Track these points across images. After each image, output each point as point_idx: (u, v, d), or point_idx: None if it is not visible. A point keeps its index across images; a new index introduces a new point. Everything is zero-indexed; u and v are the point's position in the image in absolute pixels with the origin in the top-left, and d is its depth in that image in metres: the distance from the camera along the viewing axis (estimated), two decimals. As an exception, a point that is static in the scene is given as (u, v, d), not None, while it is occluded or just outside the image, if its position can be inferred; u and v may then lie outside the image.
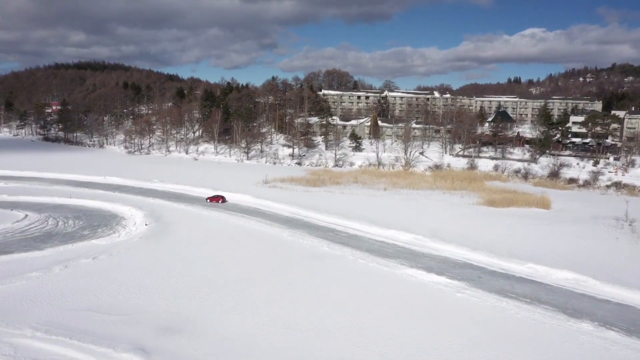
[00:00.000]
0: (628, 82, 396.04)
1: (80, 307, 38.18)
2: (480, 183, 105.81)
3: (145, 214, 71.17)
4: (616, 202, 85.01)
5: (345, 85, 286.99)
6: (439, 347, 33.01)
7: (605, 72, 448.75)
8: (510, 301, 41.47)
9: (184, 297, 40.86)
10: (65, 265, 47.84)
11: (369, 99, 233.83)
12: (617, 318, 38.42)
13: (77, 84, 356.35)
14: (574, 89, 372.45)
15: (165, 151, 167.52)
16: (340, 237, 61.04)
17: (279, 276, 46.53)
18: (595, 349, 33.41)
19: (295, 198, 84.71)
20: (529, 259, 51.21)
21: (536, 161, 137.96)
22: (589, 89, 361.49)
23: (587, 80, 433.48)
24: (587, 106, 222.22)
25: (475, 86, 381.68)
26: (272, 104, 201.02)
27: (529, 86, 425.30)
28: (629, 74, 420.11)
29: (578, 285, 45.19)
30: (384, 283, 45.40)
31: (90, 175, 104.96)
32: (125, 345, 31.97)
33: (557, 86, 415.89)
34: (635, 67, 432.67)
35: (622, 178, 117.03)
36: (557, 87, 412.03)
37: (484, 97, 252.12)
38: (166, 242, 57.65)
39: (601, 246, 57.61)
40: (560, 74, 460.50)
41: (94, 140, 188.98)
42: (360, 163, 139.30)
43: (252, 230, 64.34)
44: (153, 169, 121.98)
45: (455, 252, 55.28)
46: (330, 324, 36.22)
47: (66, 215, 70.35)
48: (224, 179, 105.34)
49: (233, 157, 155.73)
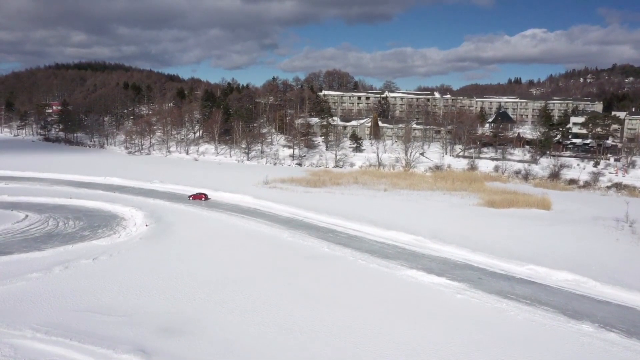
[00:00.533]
0: (629, 82, 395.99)
1: (81, 308, 38.18)
2: (481, 184, 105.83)
3: (145, 214, 71.23)
4: (616, 203, 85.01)
5: (345, 85, 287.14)
6: (438, 348, 32.98)
7: (606, 72, 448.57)
8: (511, 302, 41.43)
9: (184, 298, 40.86)
10: (66, 266, 47.85)
11: (370, 99, 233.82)
12: (617, 319, 38.36)
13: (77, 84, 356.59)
14: (575, 90, 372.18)
15: (166, 152, 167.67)
16: (340, 238, 61.04)
17: (279, 277, 46.53)
18: (596, 351, 33.35)
19: (295, 199, 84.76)
20: (529, 260, 51.17)
21: (537, 162, 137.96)
22: (589, 90, 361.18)
23: (587, 81, 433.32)
24: (588, 107, 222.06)
25: (476, 87, 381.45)
26: (272, 105, 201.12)
27: (529, 87, 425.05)
28: (630, 75, 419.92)
29: (578, 287, 45.14)
30: (384, 284, 45.39)
31: (90, 176, 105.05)
32: (126, 346, 31.95)
33: (558, 87, 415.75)
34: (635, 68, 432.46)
35: (622, 179, 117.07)
36: (557, 87, 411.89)
37: (484, 98, 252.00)
38: (166, 242, 57.67)
39: (601, 247, 57.59)
40: (560, 75, 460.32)
41: (94, 140, 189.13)
42: (361, 164, 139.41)
43: (252, 231, 64.36)
44: (153, 169, 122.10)
45: (456, 253, 55.26)
46: (330, 325, 36.20)
47: (66, 215, 70.40)
48: (224, 180, 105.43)
49: (233, 157, 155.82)
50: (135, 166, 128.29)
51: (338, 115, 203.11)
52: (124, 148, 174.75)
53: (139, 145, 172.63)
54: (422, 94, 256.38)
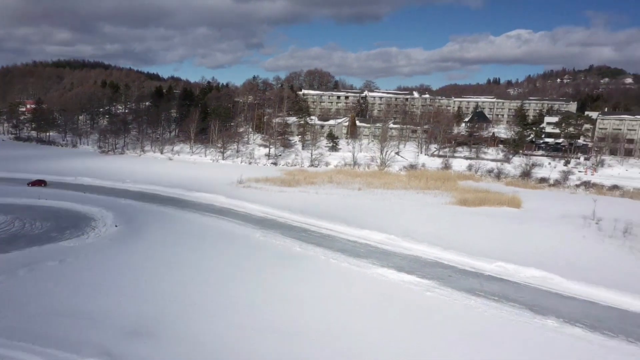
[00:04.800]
0: (604, 83, 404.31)
1: (45, 312, 37.32)
2: (454, 183, 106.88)
3: (115, 215, 70.09)
4: (584, 201, 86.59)
5: (326, 85, 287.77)
6: (407, 346, 33.18)
7: (583, 73, 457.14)
8: (479, 299, 41.93)
9: (153, 300, 40.27)
10: (31, 269, 46.72)
11: (349, 99, 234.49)
12: (582, 314, 39.16)
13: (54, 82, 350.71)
14: (551, 90, 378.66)
15: (140, 151, 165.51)
16: (313, 238, 60.98)
17: (250, 277, 46.25)
18: (561, 345, 33.99)
19: (269, 198, 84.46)
20: (499, 258, 51.83)
21: (509, 161, 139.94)
22: (565, 90, 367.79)
23: (564, 81, 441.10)
24: (563, 107, 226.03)
25: (455, 87, 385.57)
26: (251, 104, 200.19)
27: (507, 87, 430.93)
28: (605, 76, 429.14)
29: (545, 283, 45.93)
30: (355, 283, 45.50)
31: (61, 176, 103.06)
32: (91, 350, 31.37)
33: (535, 87, 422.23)
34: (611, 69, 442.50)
35: (591, 178, 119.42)
36: (535, 88, 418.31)
37: (462, 98, 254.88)
38: (136, 244, 56.82)
39: (569, 244, 58.70)
40: (538, 75, 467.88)
41: (67, 139, 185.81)
42: (336, 163, 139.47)
43: (225, 231, 63.89)
44: (126, 169, 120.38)
45: (427, 251, 55.69)
46: (301, 324, 36.14)
47: (34, 216, 68.79)
48: (198, 179, 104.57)
49: (209, 156, 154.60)
50: (108, 165, 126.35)
51: (316, 114, 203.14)
52: (97, 147, 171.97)
53: (113, 145, 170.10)
54: (401, 93, 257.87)
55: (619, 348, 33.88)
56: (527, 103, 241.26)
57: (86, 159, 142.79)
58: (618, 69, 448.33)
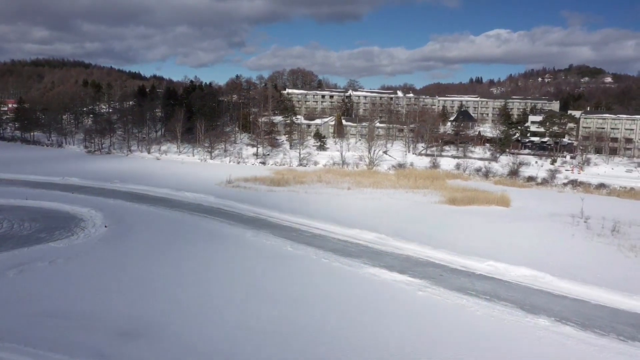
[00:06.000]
0: (584, 82, 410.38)
1: (35, 313, 36.88)
2: (443, 182, 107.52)
3: (105, 215, 69.56)
4: (572, 199, 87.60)
5: (309, 84, 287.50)
6: (401, 345, 33.25)
7: (563, 73, 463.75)
8: (470, 298, 42.10)
9: (144, 300, 39.97)
10: (20, 270, 46.18)
11: (334, 98, 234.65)
12: (572, 313, 39.48)
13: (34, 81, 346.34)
14: (533, 89, 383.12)
15: (127, 151, 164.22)
16: (303, 237, 60.93)
17: (241, 277, 46.10)
18: (552, 344, 34.24)
19: (258, 198, 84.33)
20: (489, 257, 52.16)
21: (496, 160, 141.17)
22: (547, 89, 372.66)
23: (545, 80, 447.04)
24: (545, 106, 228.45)
25: (438, 86, 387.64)
26: (235, 103, 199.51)
27: (490, 86, 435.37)
28: (585, 75, 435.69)
29: (536, 282, 46.26)
30: (347, 282, 45.51)
31: (48, 176, 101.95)
32: (83, 352, 31.03)
33: (517, 86, 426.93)
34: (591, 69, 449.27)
35: (578, 176, 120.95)
36: (517, 87, 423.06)
37: (446, 97, 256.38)
38: (126, 244, 56.40)
39: (558, 243, 59.28)
40: (520, 75, 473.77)
41: (52, 139, 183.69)
42: (325, 162, 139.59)
43: (214, 231, 63.63)
44: (114, 169, 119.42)
45: (418, 250, 55.87)
46: (293, 324, 36.05)
47: (22, 217, 68.01)
48: (186, 179, 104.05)
49: (196, 156, 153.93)
50: (95, 166, 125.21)
51: (302, 113, 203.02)
52: (83, 147, 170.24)
53: (99, 144, 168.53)
54: (385, 93, 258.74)
55: (610, 346, 34.21)
56: (510, 102, 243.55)
57: (73, 159, 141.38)
58: (597, 69, 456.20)
